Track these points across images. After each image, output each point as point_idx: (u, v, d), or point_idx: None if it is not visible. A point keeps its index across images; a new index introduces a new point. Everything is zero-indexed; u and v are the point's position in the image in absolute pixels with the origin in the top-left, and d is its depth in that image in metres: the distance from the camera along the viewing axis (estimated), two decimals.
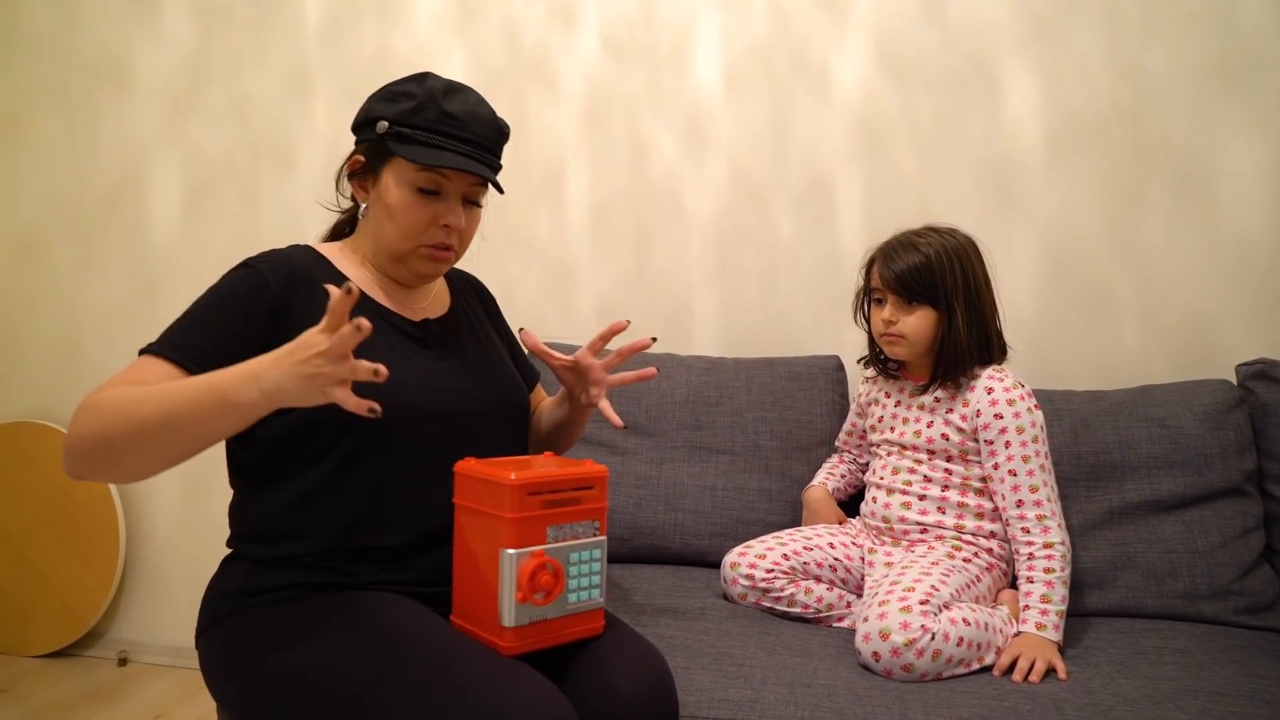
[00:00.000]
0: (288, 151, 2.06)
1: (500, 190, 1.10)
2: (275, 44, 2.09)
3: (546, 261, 1.99)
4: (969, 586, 1.26)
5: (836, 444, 1.64)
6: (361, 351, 1.01)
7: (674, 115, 1.94)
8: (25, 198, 2.20)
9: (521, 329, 1.16)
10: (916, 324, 1.37)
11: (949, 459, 1.37)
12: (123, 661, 2.13)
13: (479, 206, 1.12)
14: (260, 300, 1.00)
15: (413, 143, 1.05)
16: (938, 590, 1.18)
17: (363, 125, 1.10)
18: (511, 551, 0.91)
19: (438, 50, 2.02)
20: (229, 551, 1.07)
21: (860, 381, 1.59)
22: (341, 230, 1.20)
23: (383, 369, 0.82)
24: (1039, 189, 1.78)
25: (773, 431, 1.68)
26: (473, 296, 1.27)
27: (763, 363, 1.77)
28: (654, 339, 1.16)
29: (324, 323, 0.83)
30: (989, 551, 1.34)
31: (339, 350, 0.82)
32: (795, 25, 1.89)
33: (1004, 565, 1.35)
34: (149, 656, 2.14)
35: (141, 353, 0.96)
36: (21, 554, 2.12)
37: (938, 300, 1.35)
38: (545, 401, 1.30)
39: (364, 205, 1.11)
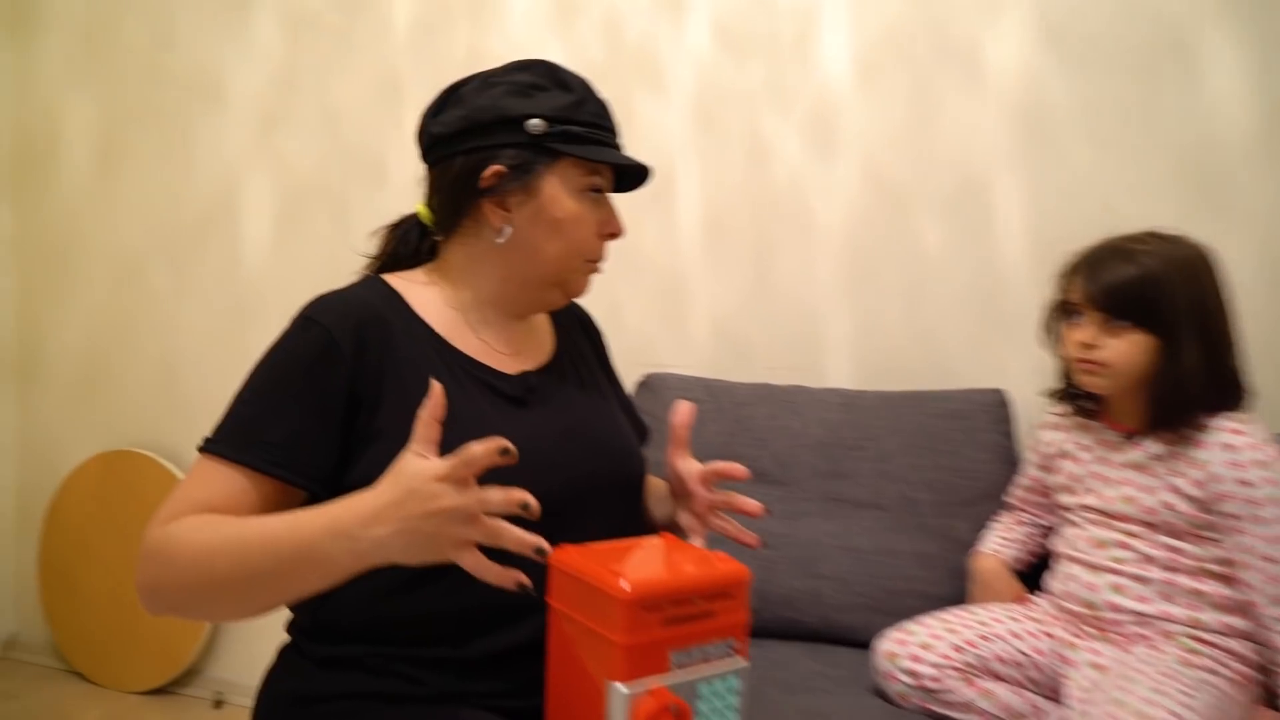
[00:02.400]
0: (378, 164, 1.93)
1: (639, 180, 0.95)
2: (363, 50, 1.96)
3: (654, 278, 1.78)
4: (1218, 710, 0.96)
5: (1009, 500, 1.36)
6: (448, 416, 0.81)
7: (797, 111, 1.69)
8: (125, 221, 2.16)
9: (680, 402, 0.94)
10: (1125, 351, 1.09)
11: (1175, 535, 1.08)
12: (218, 704, 2.04)
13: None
14: (333, 369, 0.82)
15: (582, 141, 0.88)
16: None
17: (491, 128, 0.88)
18: (623, 689, 0.70)
19: (534, 48, 1.84)
20: (286, 640, 0.90)
21: (1044, 426, 1.30)
22: (397, 256, 0.99)
23: (512, 447, 0.68)
24: (1254, 185, 1.45)
25: (927, 482, 1.42)
26: (579, 332, 1.07)
27: (910, 397, 1.51)
28: (768, 512, 0.93)
29: (449, 467, 0.67)
30: (1237, 657, 1.04)
31: (473, 509, 0.66)
32: (938, 1, 1.61)
33: (1258, 676, 1.05)
34: (244, 699, 2.04)
35: (202, 450, 0.81)
36: (123, 585, 2.07)
37: (1157, 324, 1.07)
38: (655, 485, 1.07)
39: (506, 231, 0.90)
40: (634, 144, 1.78)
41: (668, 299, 1.77)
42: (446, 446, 0.73)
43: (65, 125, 2.17)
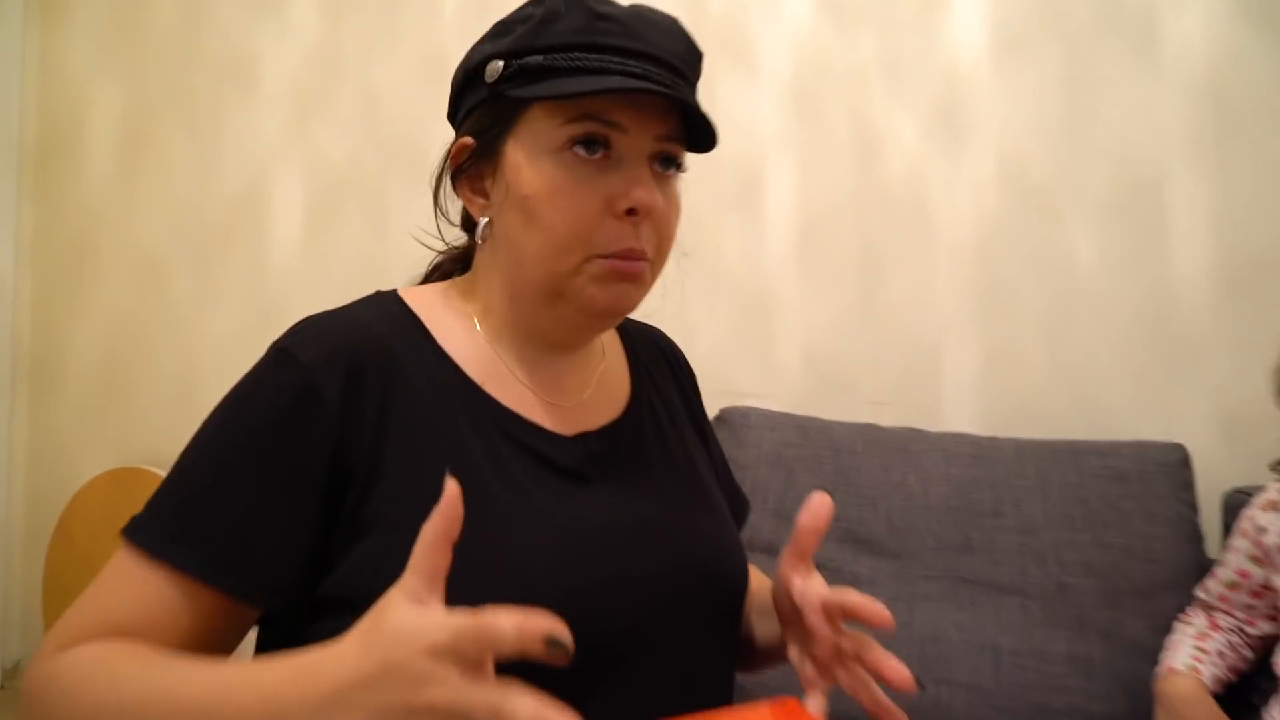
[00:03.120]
0: (419, 157, 1.69)
1: (709, 141, 0.61)
2: (408, 30, 1.73)
3: (736, 294, 1.49)
4: None
5: (1203, 596, 1.04)
6: (474, 502, 0.53)
7: (917, 94, 1.40)
8: (147, 219, 1.97)
9: (815, 496, 0.61)
10: None
11: None
12: None
13: (678, 172, 0.63)
14: (310, 429, 0.56)
15: (548, 75, 0.59)
16: None
17: (463, 90, 0.65)
18: None
19: None
20: None
21: (1261, 507, 0.98)
22: (446, 270, 0.74)
23: (567, 640, 0.41)
24: None
25: (1086, 563, 1.10)
26: (663, 372, 0.78)
27: (1060, 451, 1.19)
28: (921, 687, 0.58)
29: (455, 635, 0.42)
30: None
31: (483, 704, 0.41)
32: None
33: None
34: None
35: (126, 534, 0.56)
36: None
37: None
38: (755, 584, 0.77)
39: (481, 224, 0.65)
40: (719, 135, 1.49)
41: (752, 319, 1.48)
42: (467, 554, 0.48)
43: (90, 114, 2.00)
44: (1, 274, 2.00)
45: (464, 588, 0.52)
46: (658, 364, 0.78)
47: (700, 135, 0.62)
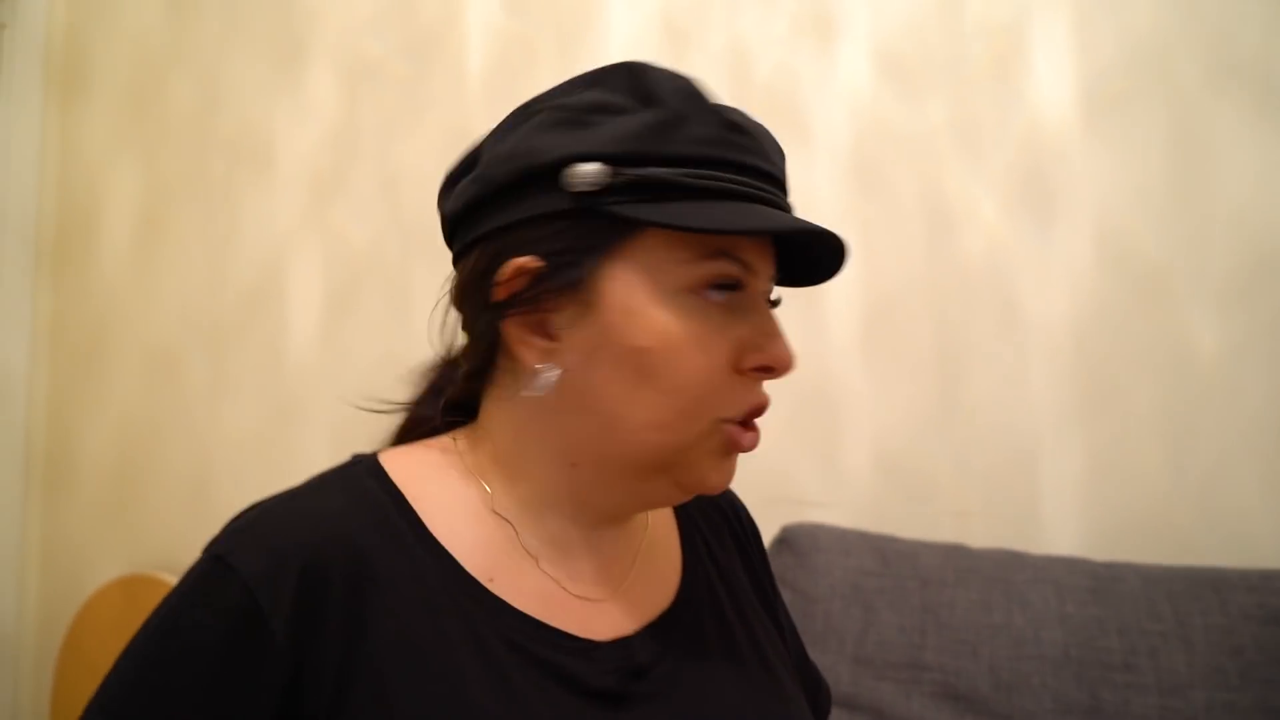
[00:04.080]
0: (443, 241, 1.57)
1: (836, 266, 0.53)
2: (430, 103, 1.63)
3: (796, 391, 1.31)
4: None
5: None
6: None
7: (997, 161, 1.24)
8: (162, 308, 1.88)
9: None
10: None
11: None
12: None
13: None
14: (252, 674, 0.43)
15: (673, 195, 0.46)
16: None
17: (511, 192, 0.49)
18: None
19: None
20: None
21: None
22: (417, 428, 0.58)
23: None
24: None
25: None
26: (721, 536, 0.62)
27: (1200, 583, 1.00)
28: None
29: None
30: None
31: None
32: (1211, 3, 1.14)
33: None
34: None
35: None
36: None
37: None
38: None
39: (545, 375, 0.48)
40: None
41: (813, 417, 1.31)
42: None
43: (107, 198, 1.93)
44: (15, 368, 1.92)
45: None
46: (714, 525, 0.62)
47: (805, 270, 0.53)
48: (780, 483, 1.31)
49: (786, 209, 0.50)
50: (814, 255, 0.51)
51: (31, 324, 1.96)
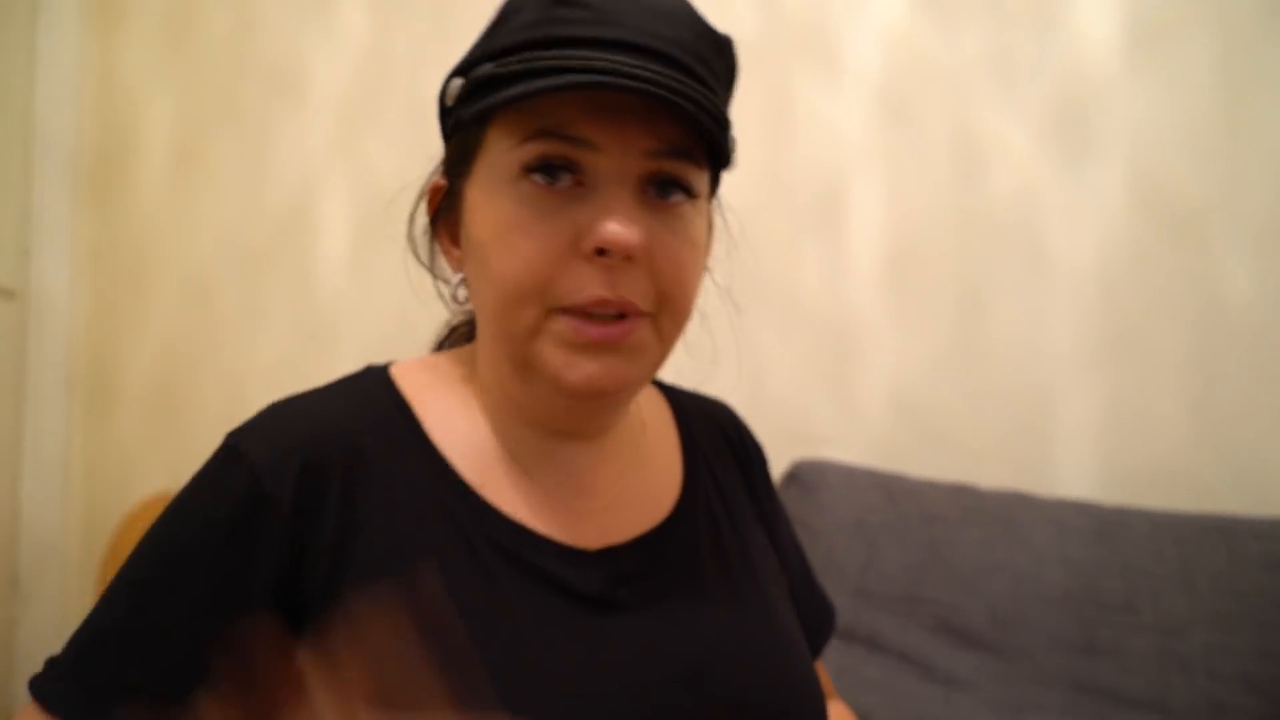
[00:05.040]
0: None
1: (722, 150, 0.48)
2: (462, 32, 1.60)
3: (815, 329, 1.32)
4: None
5: None
6: (461, 652, 0.45)
7: (1033, 97, 1.20)
8: (199, 236, 1.92)
9: None
10: None
11: None
12: None
13: (690, 198, 0.48)
14: (256, 550, 0.45)
15: (497, 85, 0.46)
16: None
17: (440, 122, 0.55)
18: None
19: None
20: None
21: None
22: (462, 334, 0.62)
23: None
24: None
25: (1247, 676, 0.90)
26: (726, 461, 0.62)
27: (1208, 529, 0.99)
28: None
29: None
30: None
31: None
32: None
33: None
34: None
35: (33, 690, 0.47)
36: None
37: None
38: None
39: (454, 281, 0.53)
40: (793, 147, 1.32)
41: (831, 357, 1.30)
42: (471, 695, 0.42)
43: (144, 126, 1.97)
44: (58, 288, 1.99)
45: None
46: (718, 449, 0.63)
47: (718, 146, 0.47)
48: (795, 418, 1.31)
49: (622, 73, 0.44)
50: (703, 132, 0.46)
51: (72, 250, 2.02)
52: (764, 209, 1.35)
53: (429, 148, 1.53)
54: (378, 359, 0.56)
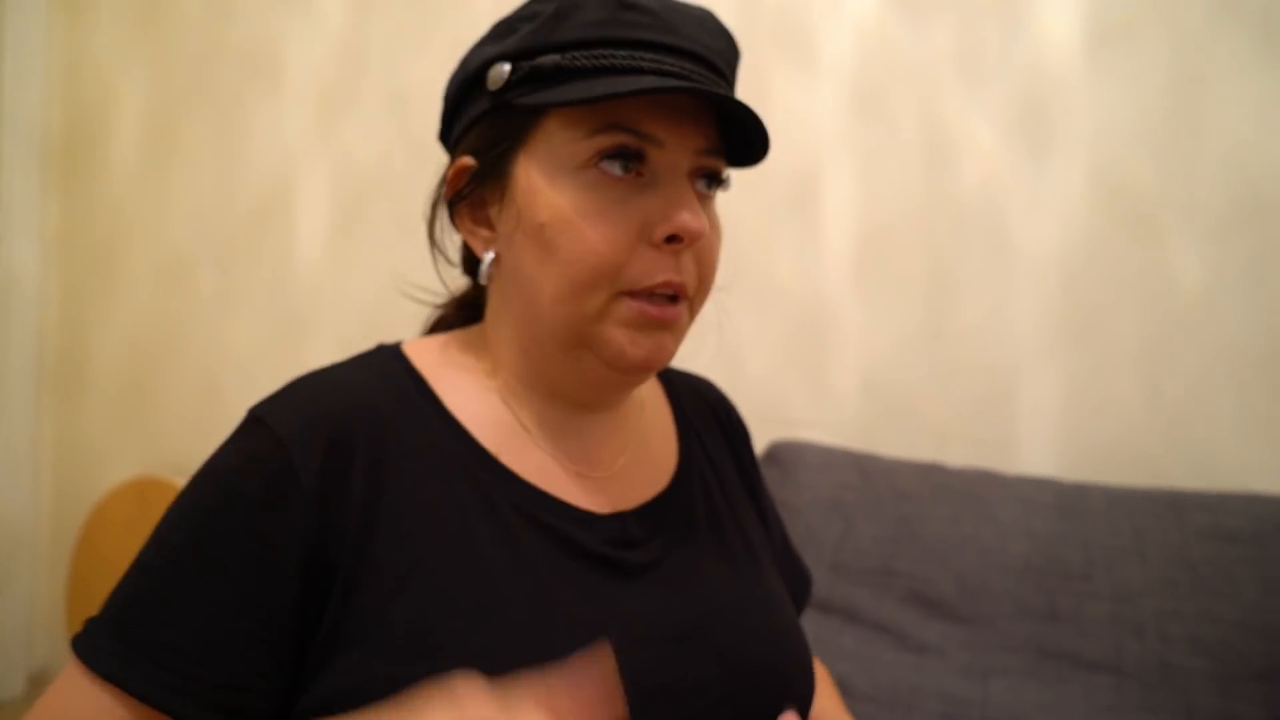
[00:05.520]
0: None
1: (759, 152, 0.53)
2: (439, 22, 1.63)
3: (788, 313, 1.36)
4: None
5: None
6: (485, 603, 0.48)
7: (998, 92, 1.25)
8: (173, 218, 1.90)
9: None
10: None
11: None
12: None
13: (718, 189, 0.54)
14: (285, 519, 0.47)
15: (566, 78, 0.50)
16: None
17: (459, 102, 0.56)
18: None
19: None
20: None
21: None
22: (449, 323, 0.64)
23: None
24: None
25: (1194, 639, 0.96)
26: (714, 435, 0.67)
27: (1161, 503, 1.05)
28: None
29: None
30: None
31: None
32: None
33: None
34: None
35: (75, 649, 0.47)
36: None
37: None
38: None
39: (486, 261, 0.55)
40: (773, 135, 1.35)
41: (805, 341, 1.35)
42: (484, 650, 0.46)
43: (115, 108, 1.94)
44: (27, 272, 1.96)
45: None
46: (708, 424, 0.67)
47: (745, 146, 0.53)
48: (771, 402, 1.36)
49: (690, 78, 0.50)
50: (750, 133, 0.52)
51: (41, 231, 1.99)
52: (741, 197, 1.38)
53: (407, 135, 1.54)
54: (355, 348, 0.57)
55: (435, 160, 0.67)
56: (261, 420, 0.49)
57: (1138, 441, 1.17)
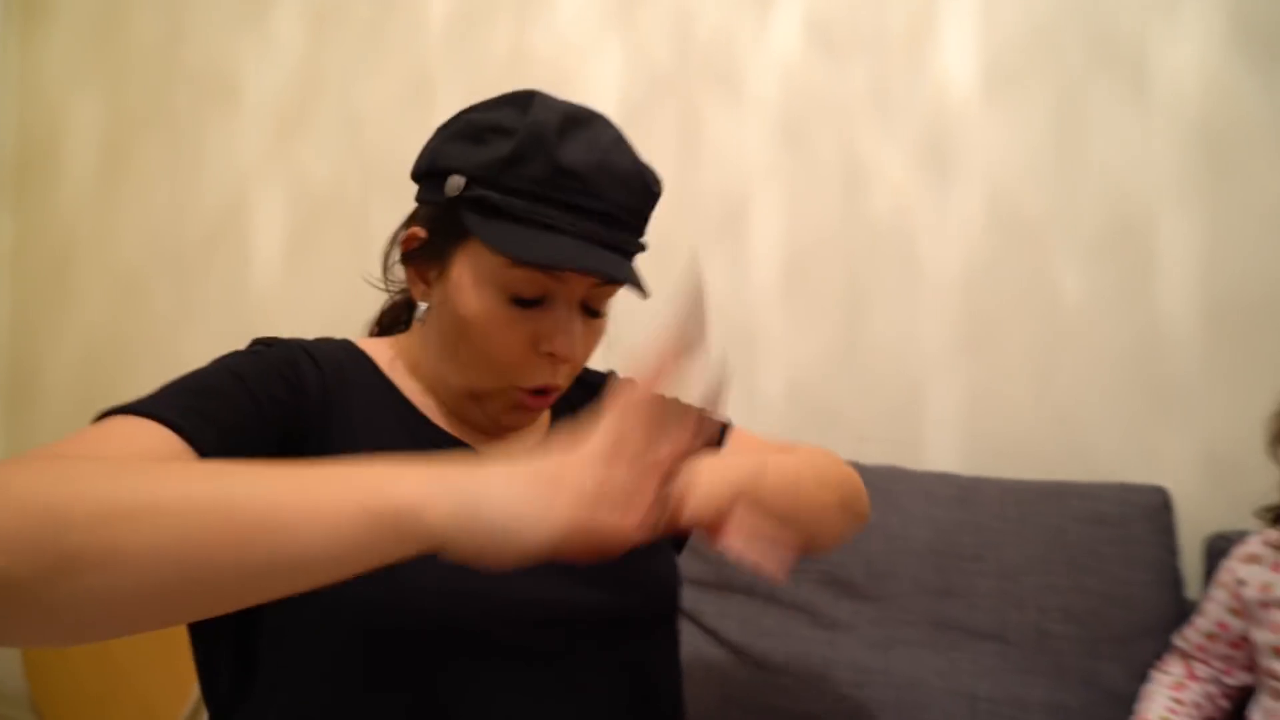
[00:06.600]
0: (402, 178, 1.67)
1: (644, 294, 0.65)
2: (392, 47, 1.71)
3: (721, 327, 1.48)
4: None
5: (1181, 644, 1.04)
6: None
7: (906, 127, 1.38)
8: (127, 235, 1.95)
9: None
10: None
11: None
12: None
13: (603, 316, 0.69)
14: (306, 382, 0.62)
15: (504, 217, 0.62)
16: None
17: (427, 175, 0.68)
18: None
19: (589, 49, 1.57)
20: None
21: (1241, 559, 0.97)
22: (389, 323, 0.80)
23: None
24: None
25: (1066, 609, 1.10)
26: (589, 405, 0.80)
27: (1045, 492, 1.19)
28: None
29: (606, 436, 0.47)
30: None
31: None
32: None
33: None
34: None
35: (122, 410, 0.53)
36: (103, 647, 1.85)
37: None
38: None
39: (421, 308, 0.70)
40: (701, 166, 1.49)
41: (736, 351, 1.47)
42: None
43: (69, 126, 1.98)
44: None
45: (402, 569, 0.55)
46: (591, 400, 0.79)
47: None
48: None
49: (608, 243, 0.63)
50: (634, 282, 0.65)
51: None
52: (677, 221, 1.51)
53: (361, 156, 1.66)
54: None
55: (387, 181, 0.76)
56: (265, 341, 0.64)
57: (1028, 439, 1.31)
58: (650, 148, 1.69)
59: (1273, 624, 0.91)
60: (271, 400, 0.58)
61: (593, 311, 0.67)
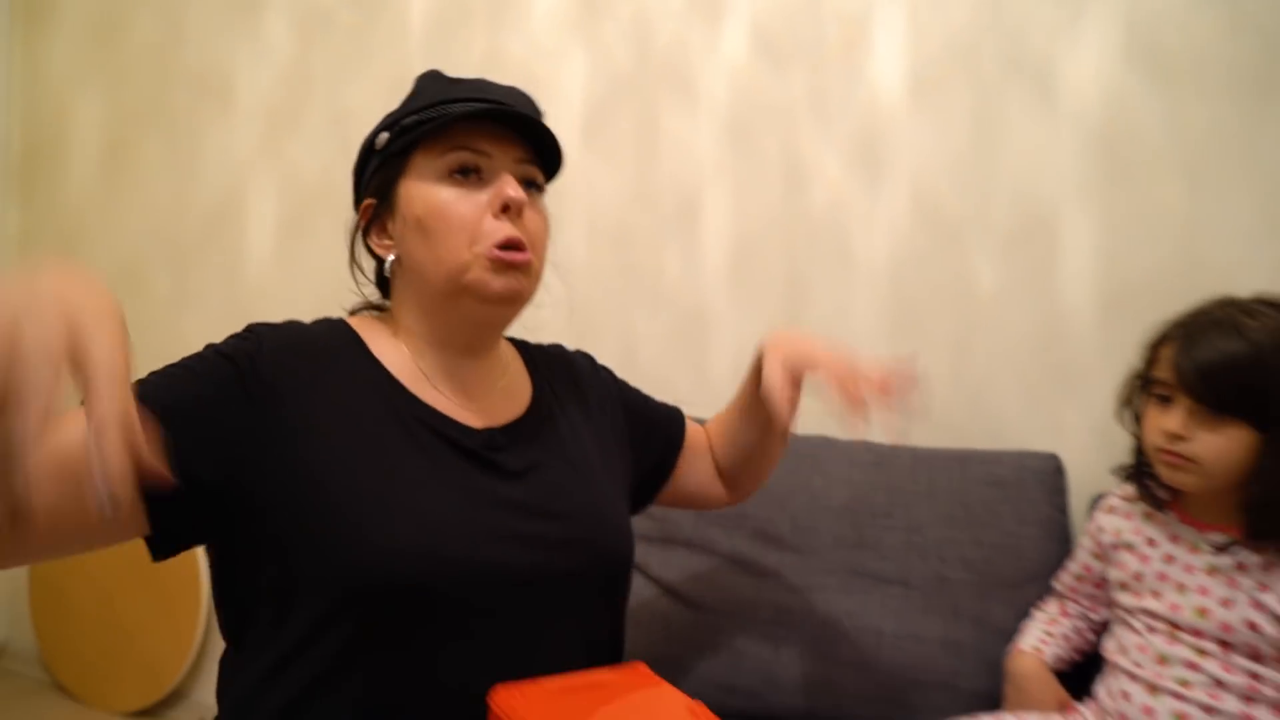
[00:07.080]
0: None
1: (557, 155, 0.81)
2: (377, 50, 1.85)
3: (676, 311, 1.63)
4: None
5: (1056, 586, 1.19)
6: (389, 462, 0.72)
7: (841, 129, 1.53)
8: (129, 225, 2.08)
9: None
10: (1221, 448, 0.91)
11: (1257, 658, 0.91)
12: None
13: (539, 193, 0.83)
14: (242, 368, 0.70)
15: (425, 126, 0.77)
16: None
17: (362, 167, 0.84)
18: None
19: (556, 52, 1.70)
20: None
21: (1104, 509, 1.13)
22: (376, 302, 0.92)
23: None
24: None
25: (964, 558, 1.25)
26: (564, 381, 0.93)
27: (952, 458, 1.34)
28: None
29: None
30: None
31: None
32: (1011, 8, 1.43)
33: None
34: None
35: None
36: (110, 602, 1.99)
37: (1264, 418, 0.89)
38: (723, 423, 1.10)
39: (389, 261, 0.81)
40: (657, 162, 1.63)
41: (689, 333, 1.62)
42: (381, 501, 0.68)
43: (73, 124, 2.10)
44: None
45: (376, 527, 0.68)
46: (560, 376, 0.92)
47: (551, 162, 0.82)
48: (661, 384, 1.61)
49: (505, 105, 0.76)
50: (550, 147, 0.80)
51: (1, 237, 2.14)
52: (635, 214, 1.66)
53: (347, 153, 1.85)
54: None
55: None
56: (253, 328, 0.75)
57: (945, 411, 1.46)
58: (611, 144, 1.86)
59: (1120, 563, 1.06)
60: (222, 383, 0.68)
61: (527, 185, 0.79)
